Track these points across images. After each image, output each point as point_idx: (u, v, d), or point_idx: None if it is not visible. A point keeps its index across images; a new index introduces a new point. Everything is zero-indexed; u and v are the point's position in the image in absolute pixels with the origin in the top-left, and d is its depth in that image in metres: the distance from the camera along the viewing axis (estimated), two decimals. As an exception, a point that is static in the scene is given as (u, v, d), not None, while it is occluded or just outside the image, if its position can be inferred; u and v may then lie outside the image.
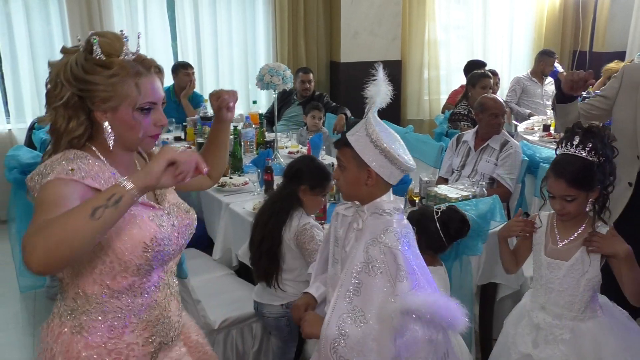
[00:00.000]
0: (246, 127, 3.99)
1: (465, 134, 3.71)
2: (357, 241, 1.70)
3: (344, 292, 1.66)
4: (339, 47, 6.00)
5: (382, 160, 1.64)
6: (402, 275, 1.59)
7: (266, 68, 3.65)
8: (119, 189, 1.17)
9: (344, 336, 1.61)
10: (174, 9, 5.52)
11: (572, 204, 1.96)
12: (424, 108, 6.69)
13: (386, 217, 1.68)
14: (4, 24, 4.91)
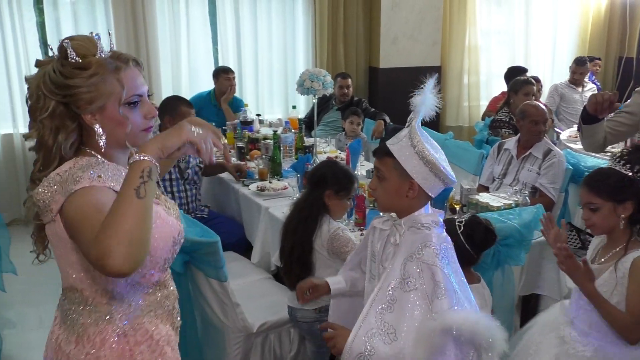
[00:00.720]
0: (285, 132, 4.01)
1: (507, 142, 3.65)
2: (394, 257, 1.65)
3: (376, 308, 1.61)
4: (378, 52, 5.99)
5: (426, 173, 1.59)
6: (440, 292, 1.54)
7: (307, 73, 3.67)
8: (141, 163, 1.19)
9: (370, 351, 1.56)
10: (215, 14, 5.59)
11: (597, 214, 1.90)
12: (463, 114, 6.63)
13: (424, 232, 1.63)
14: (53, 29, 5.06)
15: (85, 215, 1.22)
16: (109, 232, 1.12)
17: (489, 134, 4.66)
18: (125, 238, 1.12)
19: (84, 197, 1.25)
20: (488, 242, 2.14)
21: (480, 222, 2.13)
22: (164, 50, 5.40)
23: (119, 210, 1.14)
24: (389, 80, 5.99)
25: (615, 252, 1.92)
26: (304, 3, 5.80)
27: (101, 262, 1.11)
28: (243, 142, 4.18)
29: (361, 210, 2.83)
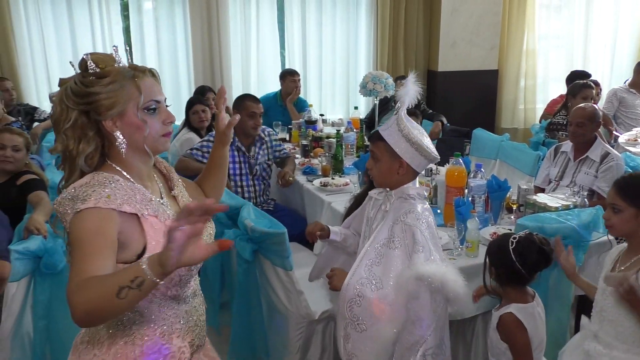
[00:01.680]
0: (348, 131, 4.01)
1: (564, 145, 3.51)
2: (383, 220, 1.85)
3: (366, 262, 1.80)
4: (437, 56, 5.91)
5: (412, 152, 1.79)
6: (418, 248, 1.75)
7: (369, 76, 3.66)
8: (141, 272, 1.11)
9: (360, 297, 1.75)
10: (283, 20, 5.66)
11: (617, 216, 1.84)
12: (519, 117, 6.45)
13: (410, 201, 1.84)
14: (137, 33, 5.27)
15: (81, 241, 1.21)
16: (83, 296, 1.13)
17: (546, 136, 4.52)
18: (89, 310, 1.13)
19: (85, 221, 1.23)
20: (540, 264, 1.91)
21: (534, 242, 1.89)
22: (235, 53, 5.50)
23: (98, 292, 1.13)
24: (447, 83, 5.91)
25: (636, 261, 1.81)
26: (367, 8, 5.79)
27: (68, 303, 1.14)
28: (307, 140, 4.21)
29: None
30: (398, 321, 1.73)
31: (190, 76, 5.45)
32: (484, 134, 4.59)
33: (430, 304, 1.72)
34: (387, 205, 1.87)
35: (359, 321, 1.76)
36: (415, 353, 1.73)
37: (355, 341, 1.77)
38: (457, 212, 2.43)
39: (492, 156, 4.29)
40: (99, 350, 1.35)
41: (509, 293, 1.94)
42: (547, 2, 6.45)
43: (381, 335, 1.74)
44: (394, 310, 1.72)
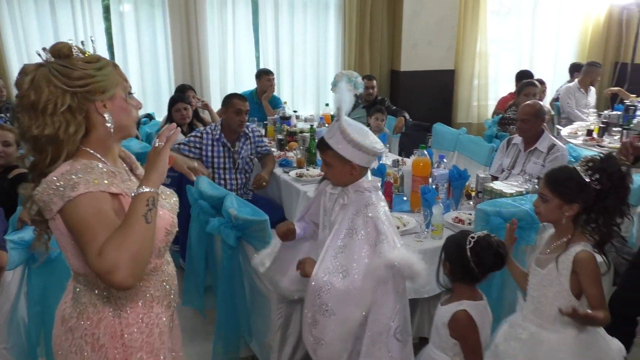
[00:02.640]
0: (320, 126, 4.02)
1: (515, 137, 3.59)
2: (342, 212, 1.86)
3: (331, 252, 1.81)
4: (400, 56, 5.94)
5: (359, 154, 1.80)
6: (381, 238, 1.77)
7: (340, 75, 3.66)
8: (145, 194, 1.22)
9: (328, 285, 1.77)
10: (257, 23, 5.61)
11: (544, 205, 1.81)
12: (472, 113, 6.57)
13: (366, 194, 1.85)
14: (118, 35, 5.15)
15: (87, 226, 1.19)
16: (119, 251, 1.15)
17: (498, 130, 4.62)
18: (132, 257, 1.15)
19: (84, 206, 1.20)
20: (494, 266, 1.84)
21: (491, 244, 1.81)
22: (212, 53, 5.43)
23: (128, 233, 1.17)
24: (409, 81, 5.96)
25: (558, 245, 1.81)
26: (335, 12, 5.79)
27: (108, 277, 1.15)
28: (282, 134, 4.20)
29: (388, 195, 2.83)
30: (366, 304, 1.76)
31: (171, 75, 5.36)
32: (443, 128, 4.67)
33: (394, 287, 1.76)
34: (345, 199, 1.88)
35: (327, 307, 1.77)
36: (386, 334, 1.75)
37: (323, 326, 1.79)
38: (424, 199, 2.47)
39: (450, 148, 4.37)
40: (90, 325, 1.34)
41: (460, 289, 1.87)
42: (497, 8, 6.55)
43: (349, 318, 1.77)
44: (362, 295, 1.75)
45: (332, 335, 1.79)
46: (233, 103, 3.45)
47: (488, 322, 1.89)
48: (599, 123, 4.79)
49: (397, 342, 1.78)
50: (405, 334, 1.82)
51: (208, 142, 3.49)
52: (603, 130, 4.68)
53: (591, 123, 4.98)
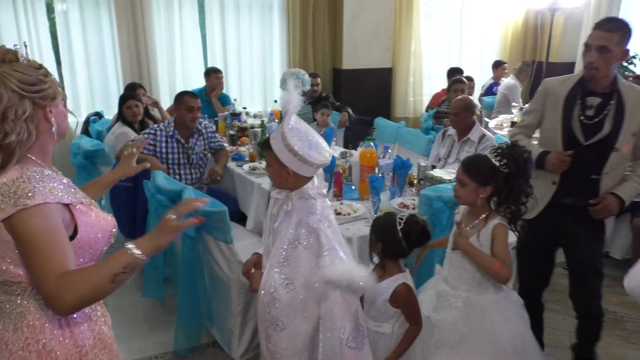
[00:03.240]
0: (270, 121, 4.02)
1: (449, 129, 3.73)
2: (286, 220, 1.72)
3: (275, 264, 1.69)
4: (341, 56, 6.00)
5: (296, 162, 1.63)
6: (323, 252, 1.63)
7: (288, 72, 3.68)
8: (134, 256, 1.18)
9: (276, 300, 1.66)
10: (204, 23, 5.51)
11: (463, 189, 1.93)
12: (409, 107, 6.71)
13: (311, 201, 1.71)
14: (63, 34, 4.91)
15: (40, 242, 1.13)
16: (74, 291, 1.12)
17: (434, 123, 4.78)
18: (82, 302, 1.14)
19: (39, 218, 1.14)
20: (421, 242, 2.00)
21: (418, 222, 1.97)
22: (160, 52, 5.29)
23: (91, 281, 1.14)
24: (351, 79, 6.03)
25: (477, 222, 1.96)
26: (279, 13, 5.76)
27: (52, 302, 1.13)
28: (234, 130, 4.17)
29: (339, 184, 2.89)
30: (312, 318, 1.67)
31: (119, 74, 5.17)
32: (385, 122, 4.79)
33: (342, 298, 1.65)
34: (289, 205, 1.72)
35: (277, 321, 1.69)
36: (338, 346, 1.66)
37: (276, 340, 1.71)
38: (372, 187, 2.54)
39: (391, 140, 4.49)
40: (32, 333, 1.23)
41: (390, 266, 1.98)
42: (428, 12, 6.73)
43: (298, 332, 1.69)
44: (307, 308, 1.67)
45: (285, 349, 1.71)
46: (184, 100, 3.40)
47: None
48: (522, 115, 5.06)
49: (350, 350, 1.68)
50: (359, 338, 1.72)
51: (162, 138, 3.42)
52: (524, 121, 4.94)
53: (515, 115, 5.25)
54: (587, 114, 2.16)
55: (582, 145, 2.17)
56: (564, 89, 2.21)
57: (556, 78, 2.29)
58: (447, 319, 1.97)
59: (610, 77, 2.12)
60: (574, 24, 6.95)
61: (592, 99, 2.15)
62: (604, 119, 2.13)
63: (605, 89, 2.14)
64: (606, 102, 2.13)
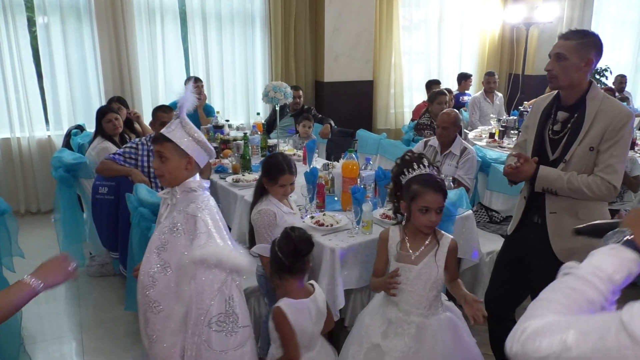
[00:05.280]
0: (253, 134, 4.02)
1: (431, 140, 3.76)
2: (170, 212, 1.82)
3: (154, 248, 1.76)
4: (323, 68, 6.05)
5: (197, 149, 1.79)
6: (197, 234, 1.72)
7: (270, 85, 3.69)
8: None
9: (154, 283, 1.73)
10: (187, 37, 5.51)
11: (439, 215, 1.92)
12: (390, 119, 6.80)
13: (193, 193, 1.81)
14: (45, 47, 4.86)
15: None
16: None
17: (415, 134, 4.83)
18: None
19: None
20: (299, 253, 1.96)
21: (290, 237, 1.99)
22: (143, 66, 5.28)
23: None
24: (332, 91, 6.08)
25: (428, 244, 1.97)
26: (261, 27, 5.80)
27: None
28: (216, 142, 4.16)
29: (321, 195, 2.90)
30: (184, 299, 1.70)
31: (100, 87, 5.13)
32: (366, 133, 4.83)
33: (210, 280, 1.68)
34: (174, 199, 1.82)
35: (155, 304, 1.73)
36: (201, 324, 1.68)
37: (154, 323, 1.74)
38: (354, 198, 2.55)
39: (373, 152, 4.53)
40: None
41: (283, 286, 1.96)
42: (407, 24, 6.84)
43: (173, 313, 1.72)
44: (180, 289, 1.71)
45: (161, 331, 1.74)
46: (158, 116, 3.42)
47: (317, 321, 1.98)
48: (499, 127, 5.16)
49: (214, 332, 1.68)
50: (229, 325, 1.71)
51: (143, 152, 3.40)
52: (502, 133, 5.05)
53: (492, 127, 5.35)
54: (554, 129, 2.12)
55: (549, 160, 2.13)
56: (544, 103, 2.21)
57: (548, 94, 2.25)
58: (399, 346, 1.93)
59: (579, 89, 2.06)
60: (547, 37, 7.12)
61: (561, 113, 2.12)
62: (567, 133, 2.07)
63: (574, 102, 2.08)
64: (571, 117, 2.08)
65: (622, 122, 1.98)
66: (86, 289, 3.55)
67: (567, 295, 0.90)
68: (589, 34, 2.06)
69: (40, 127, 4.99)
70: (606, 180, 1.99)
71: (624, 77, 6.97)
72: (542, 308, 0.90)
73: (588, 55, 2.01)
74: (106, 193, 3.30)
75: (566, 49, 2.02)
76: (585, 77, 2.05)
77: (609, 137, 1.99)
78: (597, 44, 2.04)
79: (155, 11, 5.25)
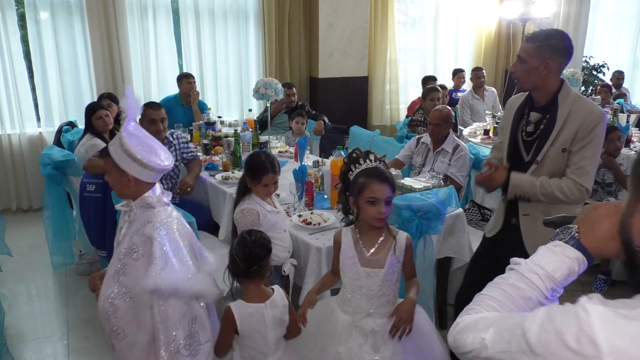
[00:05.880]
0: (244, 130, 3.98)
1: (424, 137, 3.74)
2: (128, 230, 1.69)
3: (113, 273, 1.65)
4: (317, 64, 6.00)
5: (136, 167, 1.64)
6: (153, 260, 1.58)
7: (261, 82, 3.65)
8: None
9: (115, 309, 1.64)
10: (179, 32, 5.46)
11: (389, 206, 1.86)
12: (386, 115, 6.75)
13: (151, 210, 1.68)
14: (35, 43, 4.81)
15: None
16: None
17: (408, 131, 4.80)
18: None
19: None
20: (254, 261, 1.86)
21: (245, 244, 1.88)
22: (135, 62, 5.22)
23: None
24: (326, 87, 6.03)
25: (382, 240, 1.92)
26: (254, 22, 5.75)
27: None
28: (208, 139, 4.12)
29: (310, 193, 2.87)
30: (146, 327, 1.62)
31: (92, 84, 5.08)
32: (359, 130, 4.79)
33: (171, 309, 1.58)
34: (131, 215, 1.70)
35: (118, 330, 1.65)
36: (168, 352, 1.59)
37: (119, 349, 1.68)
38: (342, 196, 2.52)
39: (366, 148, 4.42)
40: None
41: (245, 288, 1.90)
42: (403, 20, 6.79)
43: (137, 341, 1.65)
44: (141, 318, 1.63)
45: (128, 357, 1.66)
46: (146, 113, 3.32)
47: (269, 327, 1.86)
48: (494, 123, 5.12)
49: (183, 357, 1.61)
50: (194, 345, 1.64)
51: (132, 148, 3.36)
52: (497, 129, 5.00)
53: (487, 124, 5.31)
54: (527, 130, 2.08)
55: (524, 162, 2.09)
56: (517, 103, 2.16)
57: (521, 93, 2.21)
58: (397, 352, 1.88)
59: (548, 90, 2.00)
60: (545, 33, 7.06)
61: (533, 114, 2.07)
62: (539, 135, 2.03)
63: (545, 103, 2.03)
64: (544, 118, 2.03)
65: (594, 123, 1.94)
66: (74, 287, 3.52)
67: (504, 291, 0.91)
68: (552, 36, 1.99)
69: (31, 123, 4.94)
70: (578, 182, 1.97)
71: (622, 73, 6.93)
72: (478, 303, 0.92)
73: (547, 58, 1.95)
74: (93, 191, 3.27)
75: (526, 52, 1.99)
76: (550, 79, 1.99)
77: (580, 137, 1.96)
78: (559, 47, 1.97)
79: (147, 7, 5.20)
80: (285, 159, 3.97)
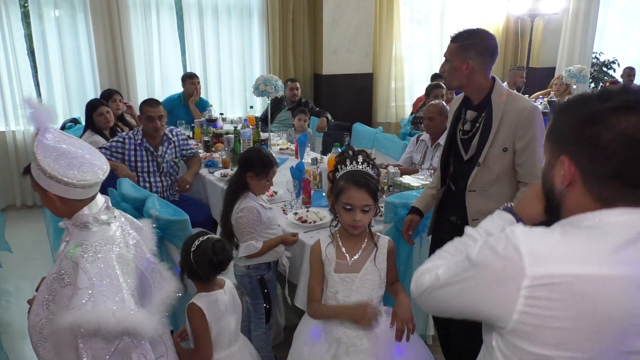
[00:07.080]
0: (244, 127, 3.97)
1: (423, 134, 3.73)
2: (63, 251, 1.46)
3: (42, 299, 1.42)
4: (321, 61, 5.98)
5: (55, 184, 1.38)
6: (76, 291, 1.33)
7: (261, 79, 3.64)
8: None
9: (44, 340, 1.41)
10: (183, 29, 5.47)
11: (366, 214, 1.76)
12: (391, 113, 6.70)
13: (84, 231, 1.43)
14: (39, 40, 4.84)
15: None
16: None
17: (411, 128, 4.77)
18: None
19: None
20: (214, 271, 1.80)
21: (206, 253, 1.78)
22: (138, 58, 5.24)
23: None
24: (331, 84, 6.01)
25: (365, 246, 1.84)
26: (258, 19, 5.73)
27: None
28: (208, 136, 4.12)
29: (307, 191, 2.85)
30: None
31: (96, 80, 5.11)
32: (362, 127, 4.77)
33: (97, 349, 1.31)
34: (68, 236, 1.46)
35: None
36: None
37: None
38: (338, 194, 2.50)
39: (369, 146, 4.47)
40: None
41: (197, 284, 1.84)
42: (410, 16, 6.73)
43: None
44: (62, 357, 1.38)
45: None
46: (144, 110, 3.35)
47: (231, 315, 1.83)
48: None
49: None
50: None
51: (130, 147, 3.37)
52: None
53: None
54: (464, 129, 2.06)
55: (464, 160, 2.07)
56: (457, 104, 2.15)
57: (461, 94, 2.15)
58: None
59: (478, 89, 1.99)
60: (553, 29, 6.98)
61: (469, 113, 2.04)
62: (476, 133, 2.00)
63: (479, 102, 2.00)
64: (480, 116, 2.01)
65: (530, 118, 1.91)
66: (75, 284, 3.54)
67: (454, 246, 1.15)
68: (474, 34, 1.97)
69: (35, 120, 4.97)
70: None
71: (633, 69, 6.83)
72: (434, 256, 1.15)
73: (467, 58, 1.94)
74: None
75: (449, 52, 2.00)
76: (474, 78, 1.97)
77: (520, 135, 1.92)
78: (479, 46, 1.95)
79: (150, 3, 5.21)
80: (286, 156, 3.97)
